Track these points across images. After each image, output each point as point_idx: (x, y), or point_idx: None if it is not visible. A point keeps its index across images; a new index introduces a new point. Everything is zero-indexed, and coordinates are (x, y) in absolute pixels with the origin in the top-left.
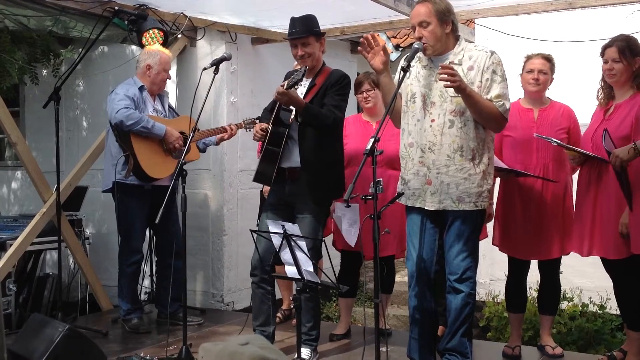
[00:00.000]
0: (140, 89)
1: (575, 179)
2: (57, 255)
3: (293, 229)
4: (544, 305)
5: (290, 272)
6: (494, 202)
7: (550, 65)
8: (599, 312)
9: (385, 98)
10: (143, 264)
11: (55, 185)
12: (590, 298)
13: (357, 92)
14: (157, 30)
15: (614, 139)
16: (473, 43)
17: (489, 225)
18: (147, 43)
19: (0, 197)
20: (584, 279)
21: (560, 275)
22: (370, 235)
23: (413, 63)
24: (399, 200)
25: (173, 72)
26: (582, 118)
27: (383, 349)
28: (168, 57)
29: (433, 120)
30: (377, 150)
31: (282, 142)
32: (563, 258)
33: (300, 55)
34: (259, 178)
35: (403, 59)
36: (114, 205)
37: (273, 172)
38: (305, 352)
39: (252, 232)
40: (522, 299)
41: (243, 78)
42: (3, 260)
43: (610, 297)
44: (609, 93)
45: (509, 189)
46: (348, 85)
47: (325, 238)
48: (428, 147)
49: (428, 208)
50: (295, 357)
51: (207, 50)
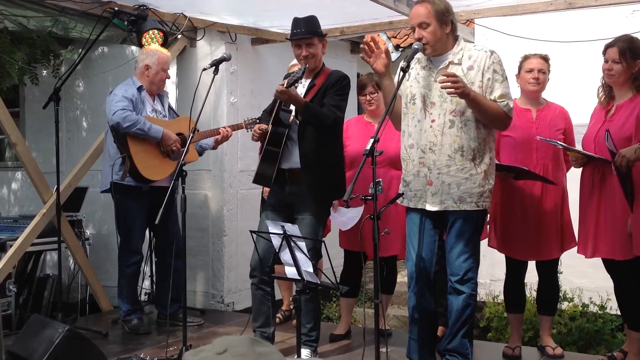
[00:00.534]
0: (139, 89)
1: (574, 178)
2: (57, 256)
3: (293, 230)
4: (543, 306)
5: (290, 272)
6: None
7: (548, 65)
8: (600, 312)
9: (387, 100)
10: (143, 265)
11: (55, 186)
12: (591, 298)
13: (360, 94)
14: (156, 31)
15: (616, 140)
16: (472, 43)
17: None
18: (146, 43)
19: (0, 197)
20: (584, 279)
21: (561, 276)
22: (371, 236)
23: (412, 64)
24: (401, 202)
25: (173, 72)
26: (582, 118)
27: (383, 350)
28: (166, 56)
29: (433, 121)
30: (376, 151)
31: (282, 142)
32: (563, 258)
33: (305, 56)
34: (259, 179)
35: (403, 60)
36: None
37: (273, 173)
38: (305, 352)
39: (251, 232)
40: (520, 299)
41: (243, 78)
42: (3, 261)
43: (611, 297)
44: (610, 92)
45: (507, 190)
46: (348, 86)
47: (325, 238)
48: (428, 147)
49: (429, 209)
50: (295, 357)
51: (207, 51)
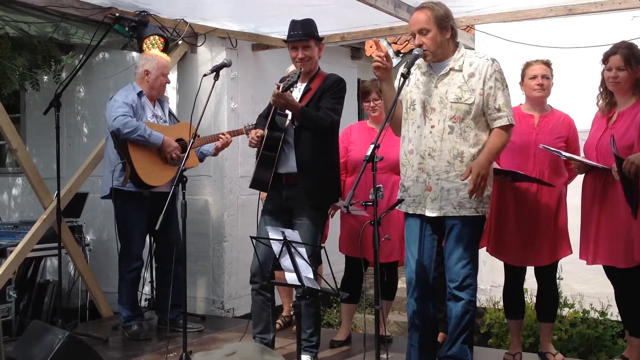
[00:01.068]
0: (139, 95)
1: (576, 186)
2: (57, 262)
3: (293, 236)
4: (543, 312)
5: (290, 278)
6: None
7: (551, 70)
8: (600, 318)
9: (387, 105)
10: (143, 271)
11: (56, 192)
12: (591, 304)
13: (364, 100)
14: (157, 37)
15: (619, 148)
16: (472, 49)
17: None
18: (147, 49)
19: (1, 203)
20: (585, 286)
21: (561, 282)
22: (372, 242)
23: (412, 70)
24: (399, 208)
25: (174, 78)
26: (582, 124)
27: (383, 356)
28: (166, 61)
29: (433, 127)
30: (377, 157)
31: (278, 146)
32: (564, 265)
33: (301, 58)
34: (255, 184)
35: (403, 66)
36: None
37: (269, 177)
38: (306, 358)
39: (252, 238)
40: (519, 305)
41: (243, 84)
42: (3, 267)
43: (612, 303)
44: (610, 100)
45: (503, 195)
46: (344, 89)
47: (324, 244)
48: (428, 153)
49: (428, 215)
50: None
51: (207, 57)
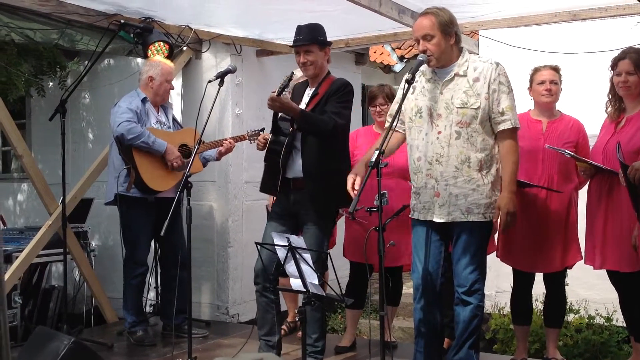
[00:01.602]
0: (143, 101)
1: (585, 192)
2: (62, 268)
3: (298, 242)
4: (550, 318)
5: (296, 284)
6: None
7: (559, 75)
8: (606, 324)
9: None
10: (148, 276)
11: (61, 198)
12: (597, 310)
13: (370, 105)
14: (162, 43)
15: (625, 153)
16: (476, 54)
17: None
18: (152, 55)
19: (6, 209)
20: (591, 291)
21: (567, 287)
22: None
23: (417, 77)
24: (411, 215)
25: (178, 84)
26: (587, 129)
27: None
28: (170, 67)
29: (440, 132)
30: (382, 163)
31: (281, 150)
32: (569, 270)
33: (303, 63)
34: (263, 188)
35: (408, 72)
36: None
37: (276, 181)
38: None
39: (257, 244)
40: (527, 311)
41: (248, 90)
42: (9, 273)
43: (617, 309)
44: (620, 106)
45: None
46: (350, 93)
47: (330, 250)
48: (435, 159)
49: (437, 220)
50: None
51: (212, 63)
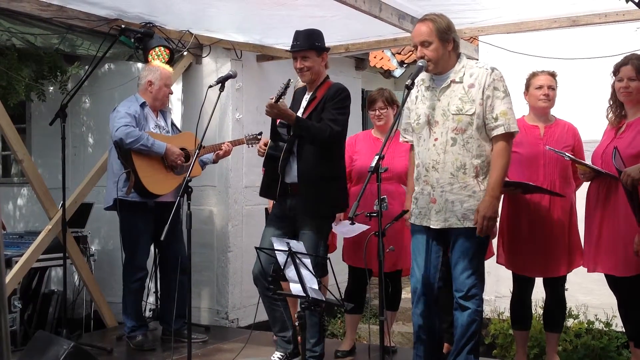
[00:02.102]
0: (142, 106)
1: (583, 195)
2: (62, 272)
3: (298, 247)
4: (550, 323)
5: (295, 289)
6: (498, 219)
7: (556, 81)
8: (605, 329)
9: None
10: (147, 281)
11: (61, 202)
12: (596, 315)
13: (370, 109)
14: (163, 48)
15: (624, 157)
16: (475, 60)
17: (493, 242)
18: (153, 60)
19: (6, 213)
20: (590, 296)
21: (566, 293)
22: (376, 252)
23: (418, 85)
24: (409, 220)
25: (179, 89)
26: (586, 135)
27: None
28: (169, 72)
29: (436, 139)
30: (381, 168)
31: (279, 156)
32: (569, 275)
33: (299, 68)
34: (263, 192)
35: (408, 78)
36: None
37: (275, 186)
38: None
39: (256, 249)
40: (527, 316)
41: (248, 95)
42: (8, 277)
43: (616, 314)
44: (620, 112)
45: (515, 206)
46: (347, 99)
47: (330, 254)
48: (432, 165)
49: (433, 227)
50: None
51: (212, 68)
